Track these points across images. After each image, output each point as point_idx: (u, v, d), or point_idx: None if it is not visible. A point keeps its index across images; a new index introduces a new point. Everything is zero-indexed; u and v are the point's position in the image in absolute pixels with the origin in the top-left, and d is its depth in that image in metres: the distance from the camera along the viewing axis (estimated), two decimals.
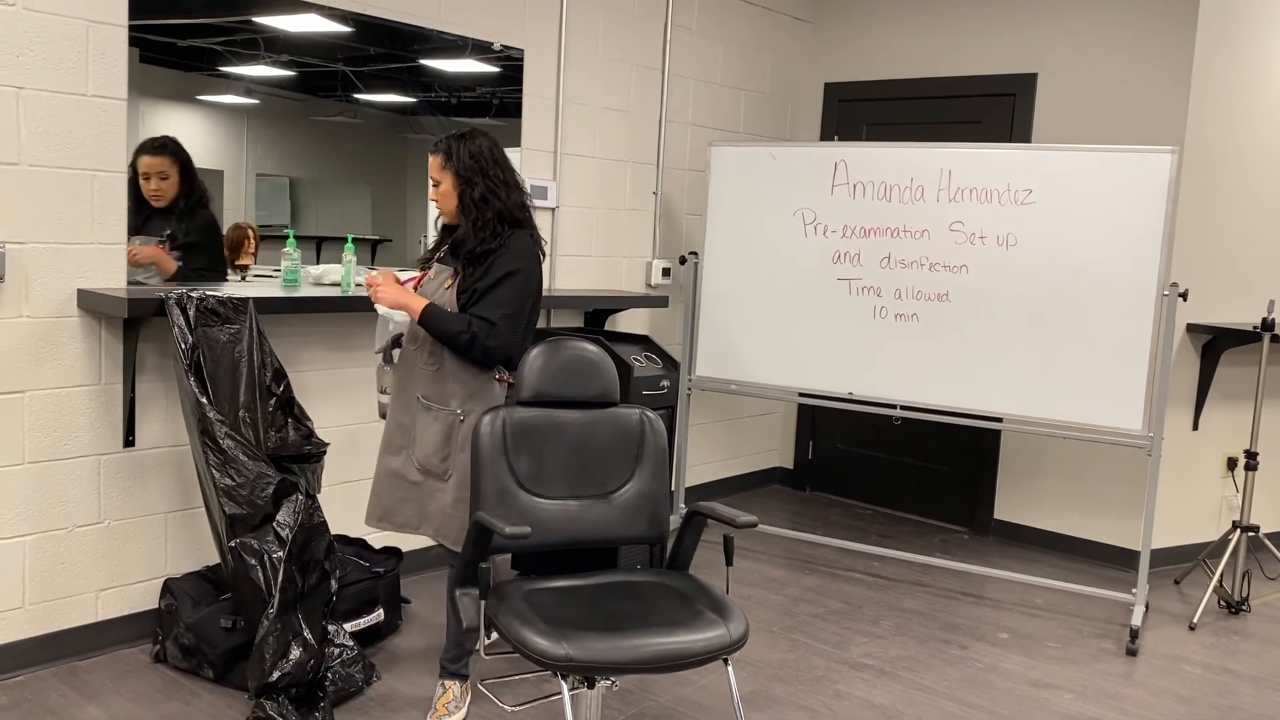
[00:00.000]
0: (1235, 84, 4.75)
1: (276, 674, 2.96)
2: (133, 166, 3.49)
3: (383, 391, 3.30)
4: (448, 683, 3.10)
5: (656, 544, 2.92)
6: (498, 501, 2.76)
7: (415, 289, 3.10)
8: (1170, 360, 4.00)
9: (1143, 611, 4.01)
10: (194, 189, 3.66)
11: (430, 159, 3.04)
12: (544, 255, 3.09)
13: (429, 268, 3.16)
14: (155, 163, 3.53)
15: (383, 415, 3.25)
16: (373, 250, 4.21)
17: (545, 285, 3.44)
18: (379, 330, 3.23)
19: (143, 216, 3.53)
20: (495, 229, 2.96)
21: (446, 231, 3.14)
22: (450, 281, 3.02)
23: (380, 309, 3.06)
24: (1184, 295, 3.92)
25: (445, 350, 2.98)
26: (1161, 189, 3.89)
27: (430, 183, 3.06)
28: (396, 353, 3.21)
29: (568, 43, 4.58)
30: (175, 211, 3.64)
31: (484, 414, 2.79)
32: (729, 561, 2.71)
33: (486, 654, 3.37)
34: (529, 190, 3.09)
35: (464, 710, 3.09)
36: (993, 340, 4.20)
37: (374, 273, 3.08)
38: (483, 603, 2.53)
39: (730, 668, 2.57)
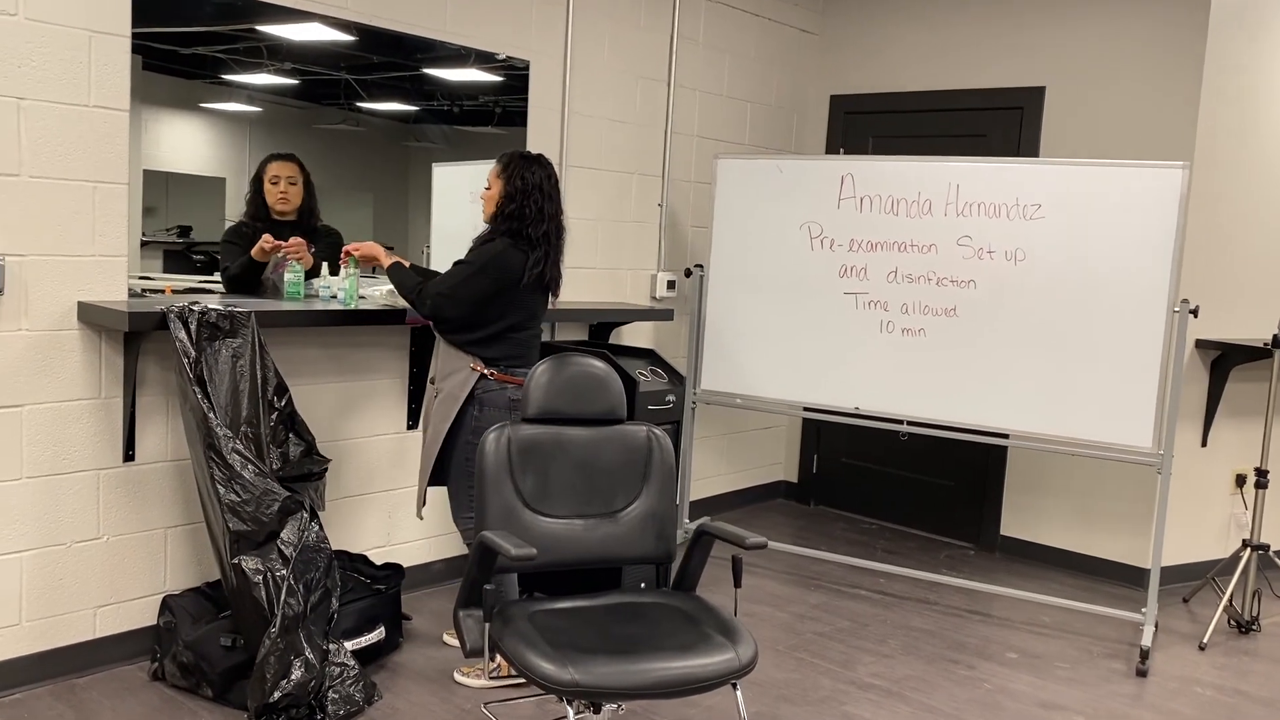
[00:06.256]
0: (1245, 98, 4.72)
1: (277, 694, 2.92)
2: (257, 178, 3.70)
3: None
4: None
5: (664, 564, 2.88)
6: (503, 520, 2.72)
7: None
8: (1181, 377, 3.96)
9: (1152, 631, 3.97)
10: (315, 202, 3.82)
11: (494, 164, 3.44)
12: (526, 273, 3.35)
13: None
14: (286, 167, 3.73)
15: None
16: None
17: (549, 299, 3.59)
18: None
19: (265, 230, 3.63)
20: (497, 232, 3.38)
21: None
22: None
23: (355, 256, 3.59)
24: (1195, 312, 3.88)
25: (438, 336, 3.49)
26: (1172, 204, 3.86)
27: (484, 183, 3.46)
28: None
29: (573, 54, 4.55)
30: (300, 226, 3.75)
31: (489, 431, 2.77)
32: (737, 583, 2.67)
33: (491, 677, 3.34)
34: (564, 221, 3.48)
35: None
36: (1000, 356, 4.16)
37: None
38: (487, 625, 2.49)
39: (739, 692, 2.53)
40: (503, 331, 3.40)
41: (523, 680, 2.56)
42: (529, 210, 3.34)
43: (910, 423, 4.37)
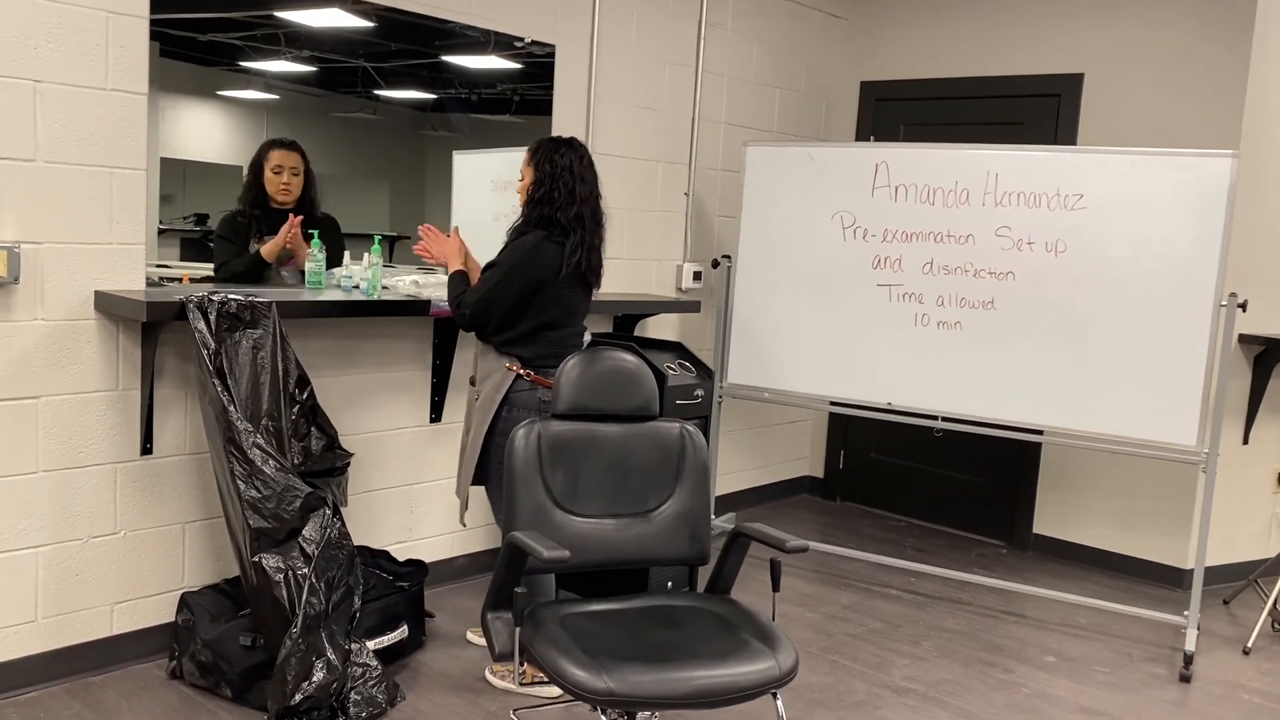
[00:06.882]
0: None
1: (299, 696, 2.84)
2: (257, 164, 3.59)
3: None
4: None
5: (698, 565, 2.78)
6: (531, 520, 2.62)
7: None
8: (1227, 373, 3.83)
9: (1195, 635, 3.85)
10: (316, 192, 3.71)
11: (525, 154, 3.34)
12: (564, 263, 3.22)
13: None
14: (290, 157, 3.62)
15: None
16: (390, 247, 4.12)
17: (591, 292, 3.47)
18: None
19: (262, 220, 3.56)
20: (529, 223, 3.26)
21: None
22: None
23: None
24: (1243, 306, 3.75)
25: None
26: (1220, 195, 3.72)
27: (516, 174, 3.38)
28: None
29: (600, 38, 4.44)
30: (301, 214, 3.65)
31: (518, 428, 2.67)
32: (776, 587, 2.57)
33: (522, 685, 3.24)
34: (603, 206, 3.34)
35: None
36: (1039, 350, 4.04)
37: (452, 232, 3.50)
38: (517, 630, 2.40)
39: (779, 702, 2.42)
40: (538, 329, 3.27)
41: (557, 690, 2.46)
42: (558, 195, 3.21)
43: (945, 419, 4.26)
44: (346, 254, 3.73)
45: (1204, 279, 3.77)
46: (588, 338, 3.88)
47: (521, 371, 3.26)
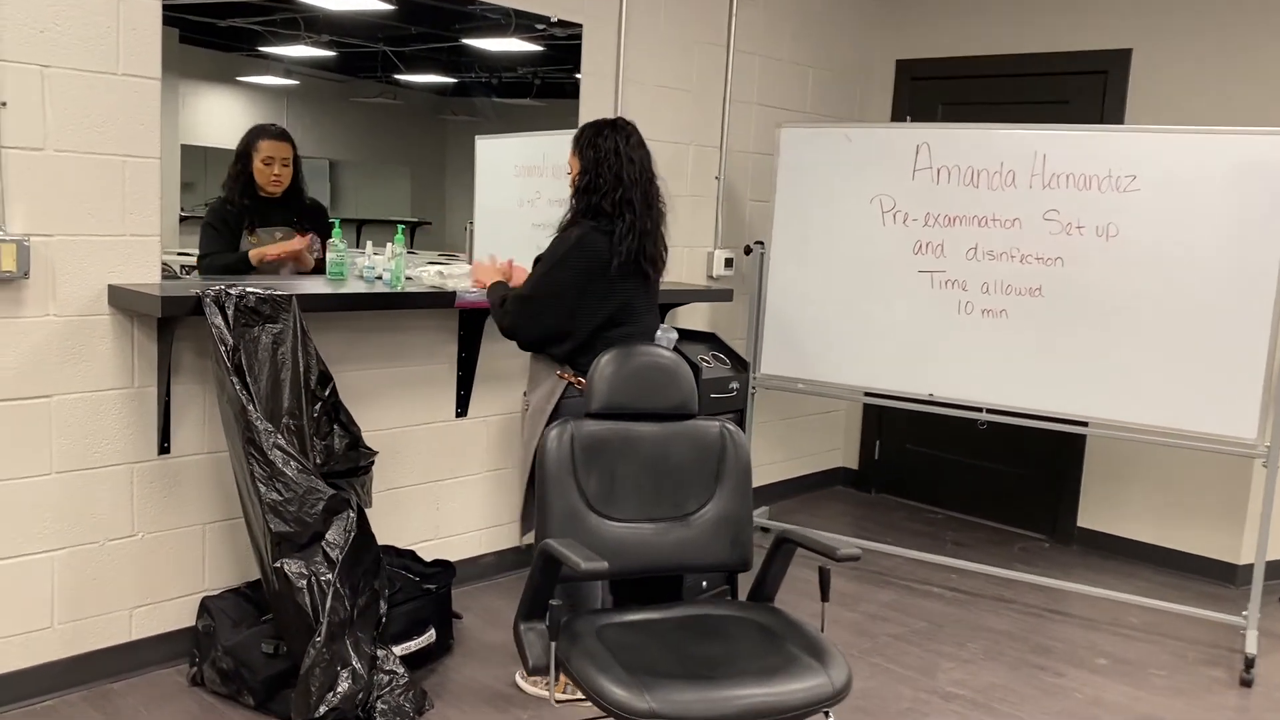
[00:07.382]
0: None
1: (323, 708, 2.72)
2: (244, 154, 3.46)
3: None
4: None
5: (740, 571, 2.65)
6: (565, 525, 2.49)
7: None
8: None
9: (1256, 637, 3.68)
10: (303, 179, 3.61)
11: (570, 144, 3.16)
12: (614, 252, 3.02)
13: None
14: (281, 147, 3.51)
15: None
16: (411, 233, 4.02)
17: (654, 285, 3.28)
18: None
19: (252, 209, 3.45)
20: (576, 214, 3.07)
21: None
22: None
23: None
24: None
25: None
26: None
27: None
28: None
29: (629, 17, 4.27)
30: (290, 204, 3.55)
31: (549, 428, 2.54)
32: (825, 596, 2.43)
33: (557, 703, 3.09)
34: (659, 185, 3.15)
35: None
36: (1090, 339, 3.86)
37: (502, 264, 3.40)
38: (553, 645, 2.26)
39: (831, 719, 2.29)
40: (594, 331, 3.02)
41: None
42: (603, 180, 3.01)
43: (989, 410, 4.09)
44: (369, 243, 3.61)
45: (1265, 264, 3.59)
46: (672, 336, 3.68)
47: (571, 379, 3.05)
